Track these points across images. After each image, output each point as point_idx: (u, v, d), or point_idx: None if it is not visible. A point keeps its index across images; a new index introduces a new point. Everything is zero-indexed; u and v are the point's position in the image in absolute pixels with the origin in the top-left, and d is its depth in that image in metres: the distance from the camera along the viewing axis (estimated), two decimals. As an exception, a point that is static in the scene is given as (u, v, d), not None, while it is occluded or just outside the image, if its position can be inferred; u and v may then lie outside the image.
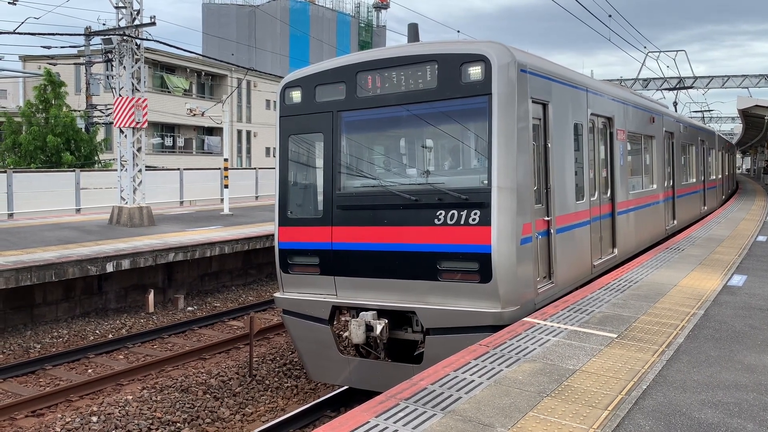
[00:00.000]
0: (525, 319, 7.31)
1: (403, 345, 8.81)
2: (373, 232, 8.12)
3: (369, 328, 7.93)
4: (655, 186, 14.54)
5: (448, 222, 7.65)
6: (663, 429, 4.43)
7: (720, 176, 27.98)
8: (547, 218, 8.37)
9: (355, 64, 8.42)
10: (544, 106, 8.47)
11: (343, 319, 9.08)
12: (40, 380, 10.77)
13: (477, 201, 7.54)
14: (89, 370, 11.26)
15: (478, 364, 5.73)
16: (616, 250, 11.20)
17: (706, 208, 22.22)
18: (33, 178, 23.59)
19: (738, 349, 6.26)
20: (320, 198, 8.62)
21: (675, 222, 16.50)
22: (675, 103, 42.28)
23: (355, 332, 7.96)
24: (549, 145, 8.49)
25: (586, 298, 8.34)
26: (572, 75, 9.86)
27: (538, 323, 7.10)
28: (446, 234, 7.65)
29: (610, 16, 25.78)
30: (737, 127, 60.55)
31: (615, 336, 6.62)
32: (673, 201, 16.42)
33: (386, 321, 7.97)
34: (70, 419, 8.88)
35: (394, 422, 4.52)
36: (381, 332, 7.92)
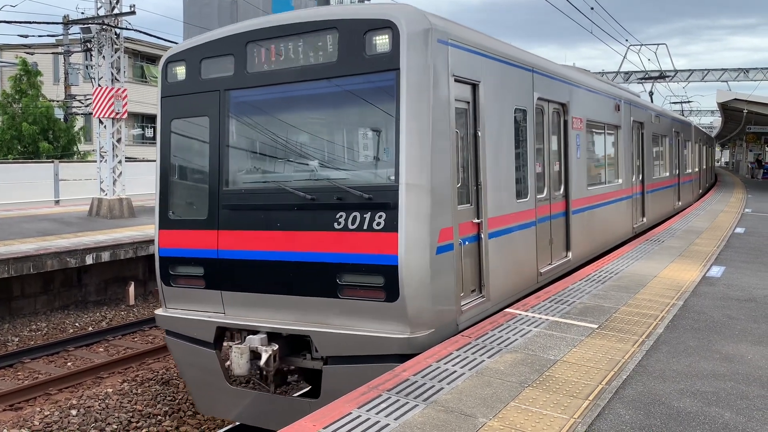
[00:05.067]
0: (507, 310, 7.34)
1: (312, 373, 7.30)
2: (265, 238, 6.78)
3: (257, 355, 6.60)
4: (620, 181, 13.38)
5: (350, 227, 6.33)
6: (642, 418, 4.47)
7: (697, 169, 26.99)
8: (476, 221, 7.12)
9: (245, 33, 7.08)
10: (474, 86, 7.15)
11: (225, 344, 7.37)
12: (19, 374, 10.64)
13: (382, 201, 6.21)
14: (69, 363, 11.14)
15: (459, 355, 5.75)
16: (570, 254, 10.06)
17: (680, 203, 21.31)
18: (11, 169, 23.26)
19: (716, 339, 6.34)
20: (205, 196, 7.25)
21: (644, 219, 15.54)
22: (651, 93, 40.52)
23: (237, 361, 6.58)
24: (479, 133, 7.19)
25: (567, 289, 8.40)
26: (513, 52, 8.47)
27: (520, 314, 7.13)
28: (347, 241, 6.33)
29: (592, 8, 25.88)
30: (716, 121, 61.25)
31: (596, 327, 6.68)
32: (642, 197, 15.39)
33: (276, 347, 6.64)
34: (49, 413, 8.78)
35: (377, 413, 4.52)
36: (268, 361, 6.57)
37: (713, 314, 7.24)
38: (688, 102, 52.38)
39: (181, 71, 7.50)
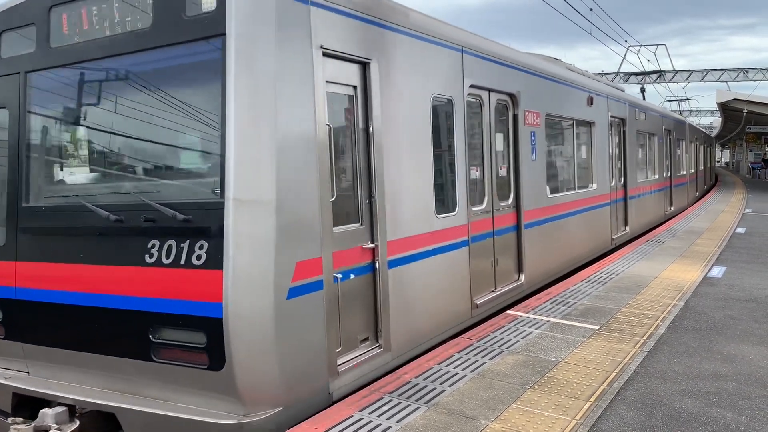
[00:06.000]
0: (508, 312, 7.33)
1: None
2: (68, 274, 5.10)
3: None
4: (595, 186, 11.62)
5: (164, 260, 4.61)
6: (644, 419, 4.47)
7: (693, 171, 25.24)
8: (369, 245, 5.47)
9: None
10: (363, 66, 5.49)
11: (9, 420, 5.26)
12: None
13: (203, 225, 4.47)
14: None
15: (461, 357, 5.75)
16: (522, 276, 8.39)
17: (673, 208, 19.48)
18: None
19: (717, 339, 6.33)
20: (2, 213, 5.59)
21: (627, 229, 13.79)
22: (643, 90, 37.43)
23: None
24: (372, 128, 5.50)
25: (569, 291, 8.40)
26: (431, 24, 6.64)
27: (521, 315, 7.13)
28: (161, 281, 4.61)
29: (591, 9, 25.90)
30: (716, 121, 61.29)
31: (597, 328, 6.68)
32: (625, 203, 13.74)
33: (77, 424, 4.97)
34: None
35: (378, 416, 4.52)
36: None
37: (714, 315, 7.24)
38: (686, 100, 50.21)
39: None
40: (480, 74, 7.42)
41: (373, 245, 5.53)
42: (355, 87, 5.45)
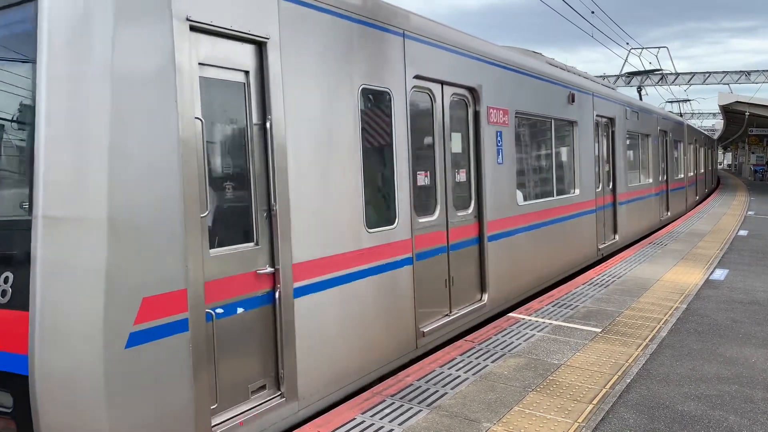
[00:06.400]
0: (510, 314, 7.33)
1: None
2: None
3: None
4: (578, 191, 10.58)
5: None
6: (647, 422, 4.47)
7: (692, 174, 24.03)
8: (267, 270, 4.44)
9: None
10: (259, 46, 4.49)
11: None
12: None
13: (7, 250, 3.52)
14: None
15: (463, 360, 5.75)
16: (485, 296, 7.37)
17: (669, 213, 18.45)
18: None
19: (720, 342, 6.33)
20: None
21: (616, 237, 12.74)
22: (639, 90, 35.25)
23: None
24: (271, 124, 4.49)
25: (571, 293, 8.40)
26: None
27: (523, 318, 7.13)
28: None
29: (593, 12, 25.94)
30: (718, 123, 61.26)
31: (599, 330, 6.68)
32: (614, 209, 12.68)
33: None
34: None
35: (381, 418, 4.52)
36: None
37: (717, 317, 7.24)
38: (687, 101, 49.08)
39: None
40: (428, 64, 6.41)
41: (272, 269, 4.47)
42: (246, 72, 4.41)
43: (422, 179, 6.44)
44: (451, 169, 6.93)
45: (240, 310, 4.26)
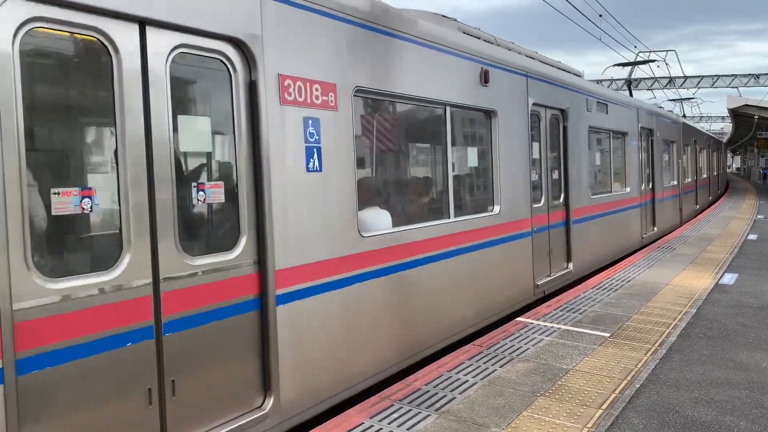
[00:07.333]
0: (518, 318, 7.32)
1: None
2: None
3: None
4: (497, 209, 7.56)
5: None
6: (656, 427, 4.44)
7: (690, 180, 21.12)
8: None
9: None
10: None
11: None
12: None
13: None
14: None
15: (471, 364, 5.74)
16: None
17: (656, 229, 15.44)
18: None
19: (730, 347, 6.29)
20: None
21: (570, 266, 9.72)
22: (629, 83, 30.69)
23: None
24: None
25: (579, 297, 8.37)
26: None
27: (531, 323, 7.11)
28: None
29: (600, 15, 25.89)
30: (727, 127, 61.00)
31: (608, 335, 6.65)
32: (567, 230, 9.76)
33: None
34: None
35: (389, 423, 4.51)
36: None
37: (726, 322, 7.19)
38: (690, 99, 45.88)
39: None
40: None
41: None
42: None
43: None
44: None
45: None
